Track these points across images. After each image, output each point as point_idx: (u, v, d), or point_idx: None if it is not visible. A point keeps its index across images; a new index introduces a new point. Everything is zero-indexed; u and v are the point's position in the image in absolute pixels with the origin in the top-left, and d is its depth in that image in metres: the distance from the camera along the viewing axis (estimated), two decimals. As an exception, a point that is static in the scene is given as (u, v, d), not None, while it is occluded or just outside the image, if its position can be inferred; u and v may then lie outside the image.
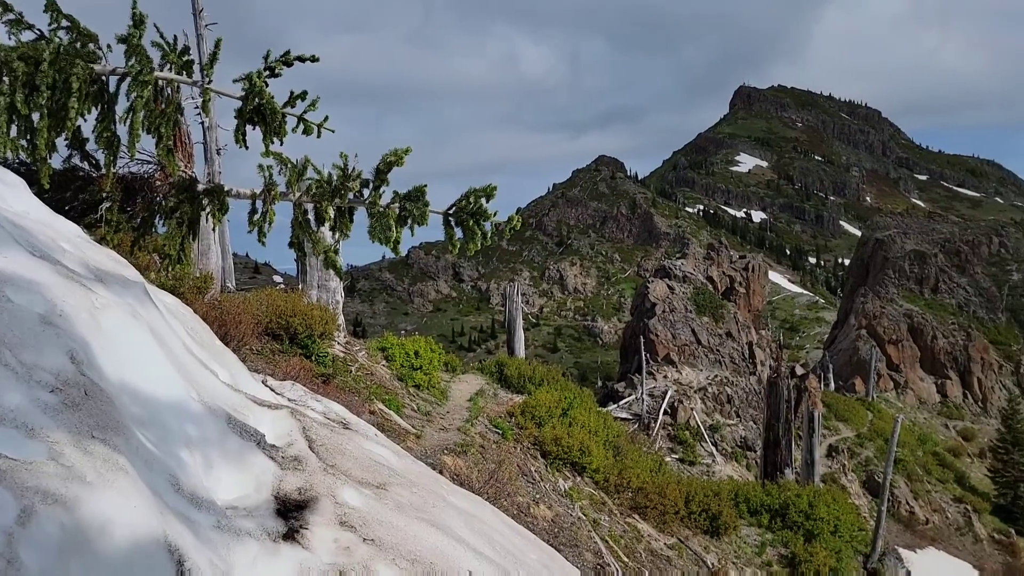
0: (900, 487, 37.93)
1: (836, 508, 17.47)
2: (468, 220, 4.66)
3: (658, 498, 14.06)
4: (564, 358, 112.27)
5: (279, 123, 3.86)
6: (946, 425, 53.68)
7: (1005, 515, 40.27)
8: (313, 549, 2.51)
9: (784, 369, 28.60)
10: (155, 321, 3.16)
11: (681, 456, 31.22)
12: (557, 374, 20.33)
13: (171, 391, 2.80)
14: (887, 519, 24.97)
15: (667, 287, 45.64)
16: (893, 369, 57.55)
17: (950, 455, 46.96)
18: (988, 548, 37.30)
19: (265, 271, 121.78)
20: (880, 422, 45.37)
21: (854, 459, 40.37)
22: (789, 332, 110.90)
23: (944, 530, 37.39)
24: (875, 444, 41.96)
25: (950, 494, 41.36)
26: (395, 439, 10.31)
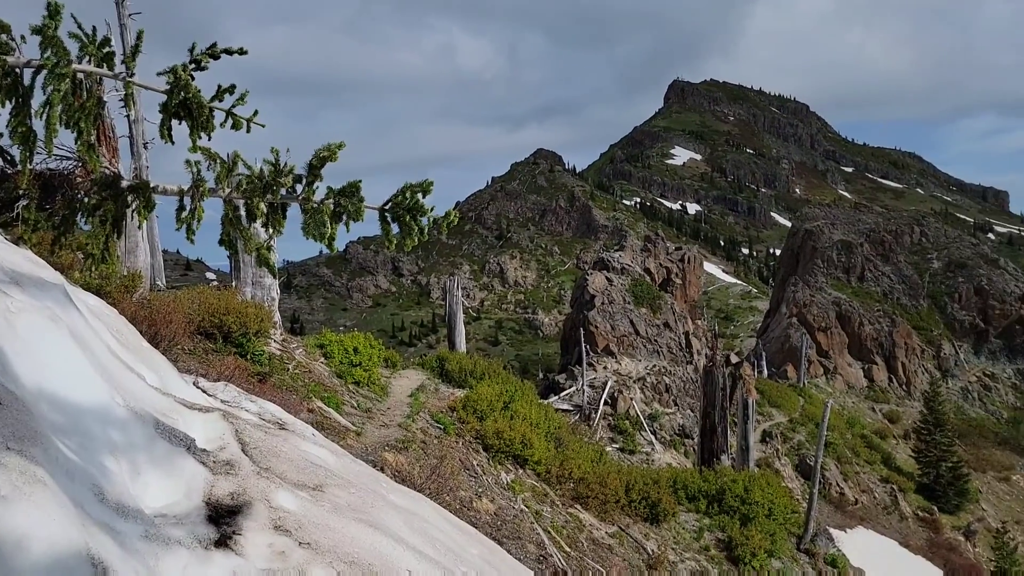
0: (831, 469, 39.35)
1: (770, 492, 17.99)
2: (404, 216, 4.61)
3: (599, 488, 14.25)
4: (505, 351, 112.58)
5: (206, 118, 3.74)
6: (873, 408, 55.85)
7: (928, 493, 42.19)
8: (247, 555, 2.44)
9: (719, 358, 29.30)
10: (76, 324, 3.03)
11: (621, 445, 31.69)
12: (498, 367, 20.35)
13: (94, 397, 2.69)
14: (819, 501, 25.85)
15: (606, 279, 46.17)
16: (823, 355, 59.56)
17: (877, 437, 48.88)
18: (913, 525, 39.04)
19: (197, 268, 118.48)
20: (811, 407, 46.91)
21: (787, 443, 41.68)
22: (724, 321, 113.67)
23: (872, 509, 38.95)
24: (807, 428, 43.38)
25: (877, 475, 43.09)
26: (335, 437, 10.17)
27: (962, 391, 60.44)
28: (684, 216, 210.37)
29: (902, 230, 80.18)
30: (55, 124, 3.32)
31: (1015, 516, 43.85)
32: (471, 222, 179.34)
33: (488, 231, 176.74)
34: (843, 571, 19.69)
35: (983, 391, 61.08)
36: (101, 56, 3.67)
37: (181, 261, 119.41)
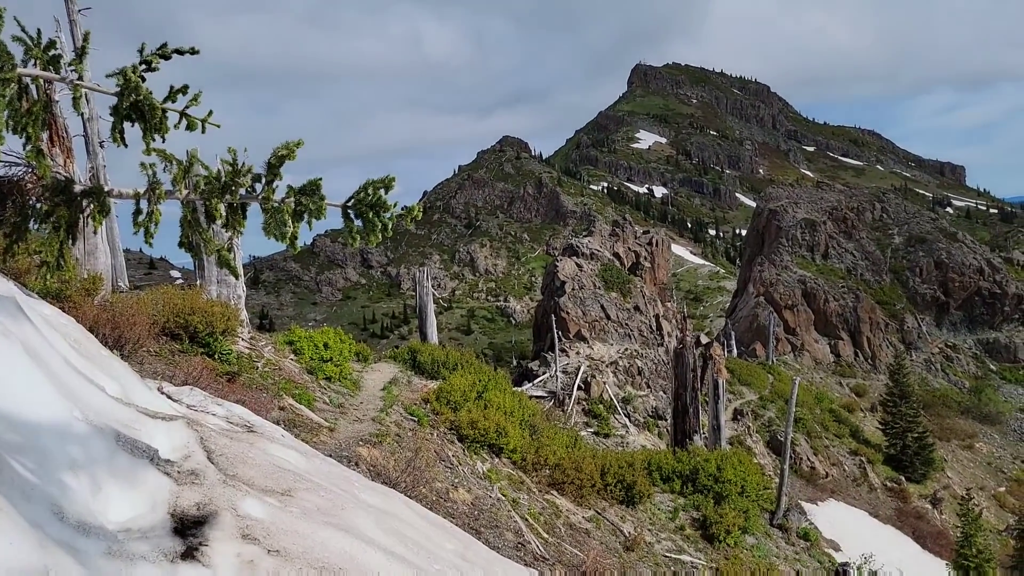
0: (801, 444, 40.05)
1: (742, 469, 18.27)
2: (367, 212, 4.56)
3: (575, 473, 14.35)
4: (478, 340, 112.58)
5: (159, 120, 3.66)
6: (840, 383, 56.90)
7: (895, 464, 43.16)
8: (214, 566, 2.41)
9: (689, 339, 29.61)
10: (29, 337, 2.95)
11: (596, 429, 31.90)
12: (471, 357, 20.36)
13: (51, 412, 2.62)
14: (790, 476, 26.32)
15: (575, 265, 46.32)
16: (790, 333, 60.48)
17: (845, 411, 49.82)
18: (882, 496, 39.94)
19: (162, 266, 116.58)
20: (780, 384, 47.65)
21: (758, 421, 42.33)
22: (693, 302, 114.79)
23: (842, 482, 39.76)
24: (776, 405, 44.08)
25: (846, 448, 43.97)
26: (307, 434, 10.10)
27: (925, 363, 61.80)
28: (651, 199, 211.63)
29: (863, 207, 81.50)
30: (0, 131, 3.22)
31: (979, 483, 45.08)
32: (439, 211, 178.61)
33: (457, 220, 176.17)
34: (815, 544, 20.08)
35: (945, 362, 62.54)
36: (48, 59, 3.58)
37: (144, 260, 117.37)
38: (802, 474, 37.52)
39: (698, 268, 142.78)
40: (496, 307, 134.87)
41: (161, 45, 3.67)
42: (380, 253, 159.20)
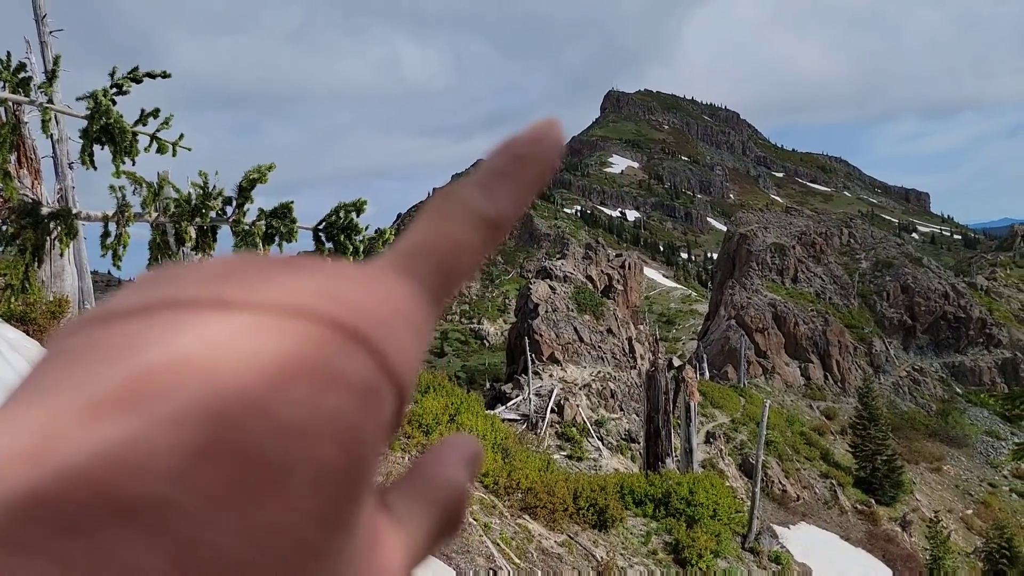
0: (772, 467, 40.28)
1: (714, 493, 18.34)
2: (339, 235, 4.58)
3: (547, 497, 14.32)
4: (451, 362, 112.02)
5: (129, 143, 3.66)
6: (811, 406, 57.47)
7: (865, 486, 43.56)
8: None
9: (662, 362, 29.77)
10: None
11: (569, 453, 31.84)
12: (443, 380, 20.28)
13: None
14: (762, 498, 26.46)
15: (549, 287, 46.50)
16: (761, 356, 61.07)
17: (815, 434, 50.27)
18: (852, 518, 40.23)
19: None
20: (752, 407, 47.97)
21: (730, 443, 42.52)
22: (666, 325, 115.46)
23: (813, 505, 40.01)
24: (748, 428, 44.33)
25: (817, 470, 44.30)
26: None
27: (893, 386, 62.70)
28: (624, 223, 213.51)
29: (831, 232, 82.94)
30: (-33, 153, 3.21)
31: (947, 505, 45.65)
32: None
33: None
34: (787, 567, 20.18)
35: (913, 385, 63.50)
36: (17, 81, 3.57)
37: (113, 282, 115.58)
38: (774, 497, 37.71)
39: (670, 291, 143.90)
40: (469, 329, 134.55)
41: (132, 69, 3.68)
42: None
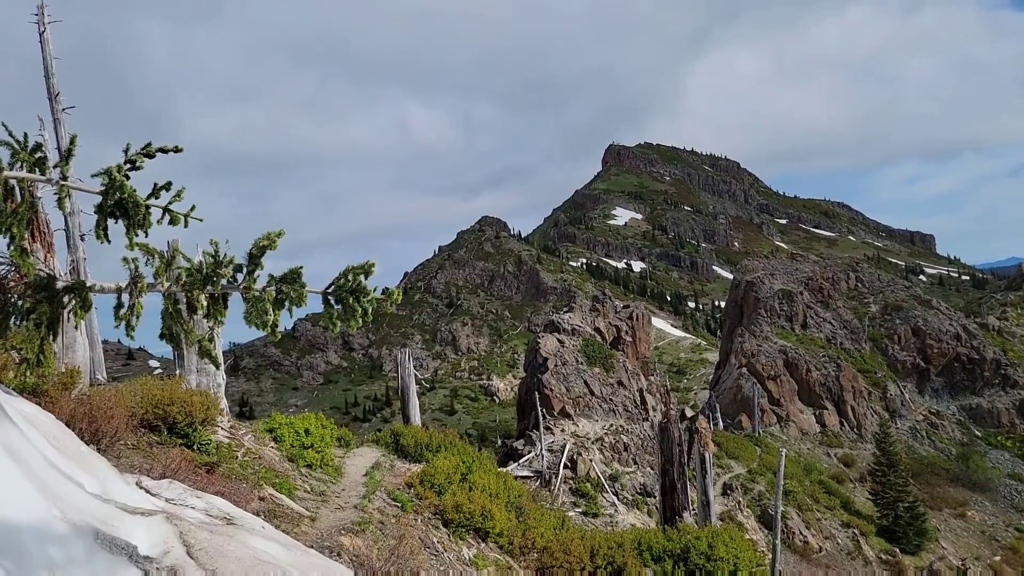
0: (792, 518, 39.47)
1: (734, 546, 17.90)
2: (348, 297, 4.65)
3: (563, 556, 14.01)
4: (462, 419, 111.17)
5: (143, 216, 3.77)
6: (828, 453, 56.55)
7: (889, 535, 42.55)
8: (194, 666, 2.36)
9: (674, 413, 29.48)
10: (10, 437, 2.94)
11: (584, 509, 31.35)
12: (455, 438, 20.10)
13: (30, 512, 2.60)
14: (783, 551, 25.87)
15: (557, 341, 46.40)
16: (774, 403, 60.40)
17: (834, 482, 49.37)
18: (877, 569, 39.20)
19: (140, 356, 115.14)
20: (768, 456, 47.28)
21: (748, 495, 41.78)
22: (676, 375, 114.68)
23: (836, 556, 39.05)
24: (766, 478, 43.61)
25: (838, 520, 43.36)
26: (288, 524, 9.87)
27: (911, 430, 61.75)
28: (630, 274, 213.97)
29: (838, 277, 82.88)
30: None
31: (974, 552, 44.45)
32: (420, 292, 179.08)
33: (438, 300, 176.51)
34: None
35: (930, 429, 62.52)
36: (33, 161, 3.69)
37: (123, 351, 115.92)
38: (795, 548, 36.87)
39: (679, 340, 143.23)
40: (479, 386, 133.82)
41: (145, 145, 3.81)
42: (361, 335, 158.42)
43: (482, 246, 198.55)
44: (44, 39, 13.42)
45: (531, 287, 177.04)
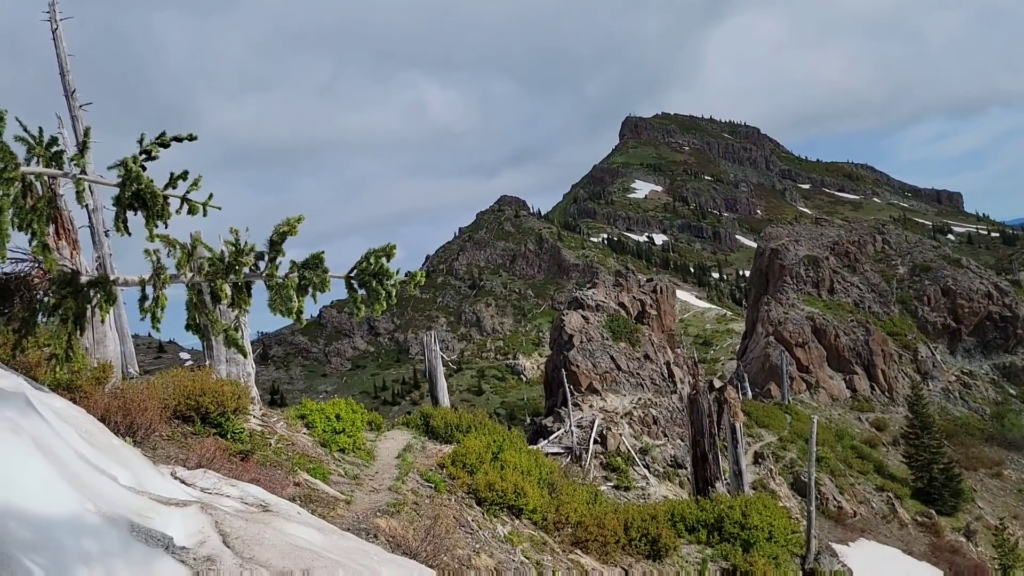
0: (825, 484, 39.27)
1: (768, 514, 17.86)
2: (371, 281, 4.60)
3: (597, 530, 14.05)
4: (490, 399, 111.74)
5: (161, 207, 3.74)
6: (859, 418, 56.09)
7: (924, 497, 42.21)
8: (235, 654, 2.35)
9: (702, 384, 29.33)
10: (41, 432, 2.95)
11: (616, 483, 31.42)
12: (484, 418, 20.18)
13: (64, 506, 2.60)
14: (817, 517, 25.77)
15: (582, 318, 46.30)
16: (803, 371, 59.91)
17: (867, 447, 49.00)
18: (913, 531, 38.95)
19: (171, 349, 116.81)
20: (799, 423, 46.99)
21: (779, 463, 41.60)
22: (703, 347, 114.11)
23: (871, 520, 38.85)
24: (797, 446, 43.38)
25: (872, 484, 43.08)
26: (324, 509, 9.95)
27: (943, 392, 61.00)
28: (652, 247, 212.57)
29: (864, 240, 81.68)
30: (6, 229, 3.28)
31: (1011, 511, 43.97)
32: (443, 274, 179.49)
33: (461, 282, 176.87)
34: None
35: (963, 389, 61.70)
36: (50, 156, 3.67)
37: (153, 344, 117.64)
38: (829, 514, 36.70)
39: (704, 312, 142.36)
40: (506, 366, 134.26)
41: (160, 134, 3.77)
42: (387, 320, 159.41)
43: (502, 226, 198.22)
44: (57, 36, 13.48)
45: (553, 265, 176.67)
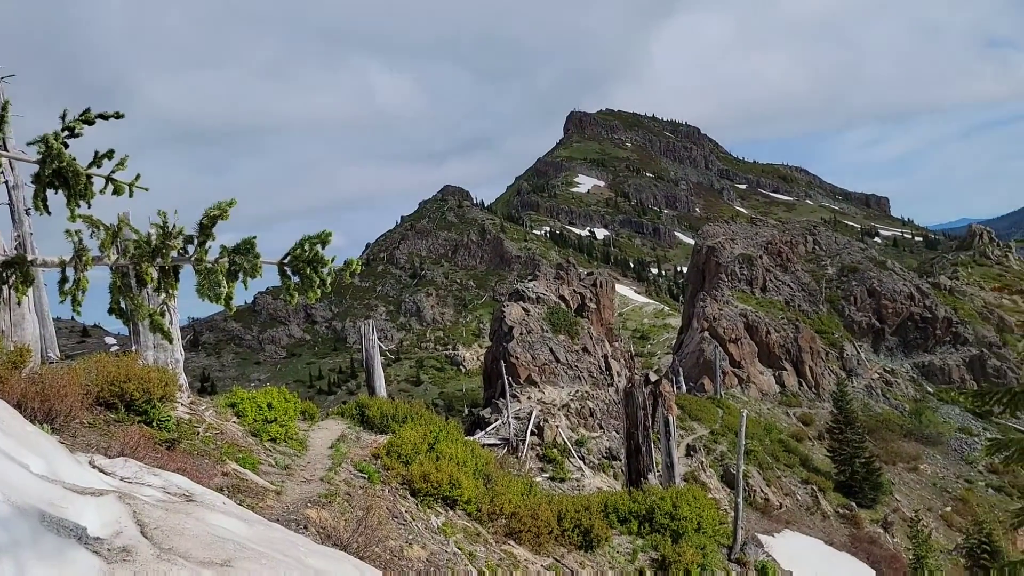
0: (753, 476, 40.43)
1: (697, 506, 18.31)
2: (305, 268, 4.53)
3: (531, 521, 14.17)
4: (428, 390, 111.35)
5: (84, 186, 3.59)
6: (787, 413, 57.88)
7: (846, 490, 43.87)
8: (149, 647, 2.29)
9: (638, 378, 29.82)
10: (-54, 418, 2.81)
11: (551, 474, 31.69)
12: (421, 408, 20.07)
13: (-32, 496, 2.49)
14: (745, 508, 26.50)
15: (522, 309, 46.50)
16: (736, 366, 61.48)
17: (794, 441, 50.60)
18: (835, 523, 40.46)
19: (96, 334, 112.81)
20: (730, 417, 48.21)
21: (711, 455, 42.64)
22: (640, 341, 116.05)
23: (796, 512, 40.17)
24: (728, 439, 44.54)
25: (798, 477, 44.55)
26: (253, 499, 9.77)
27: (866, 388, 63.41)
28: (593, 241, 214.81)
29: (796, 240, 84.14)
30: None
31: (926, 504, 46.09)
32: (383, 263, 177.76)
33: (401, 271, 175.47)
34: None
35: (885, 387, 64.28)
36: (-38, 129, 3.49)
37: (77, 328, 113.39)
38: (757, 506, 37.80)
39: (643, 307, 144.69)
40: (445, 356, 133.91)
41: (84, 111, 3.62)
42: (324, 308, 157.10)
43: (445, 216, 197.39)
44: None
45: (495, 256, 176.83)
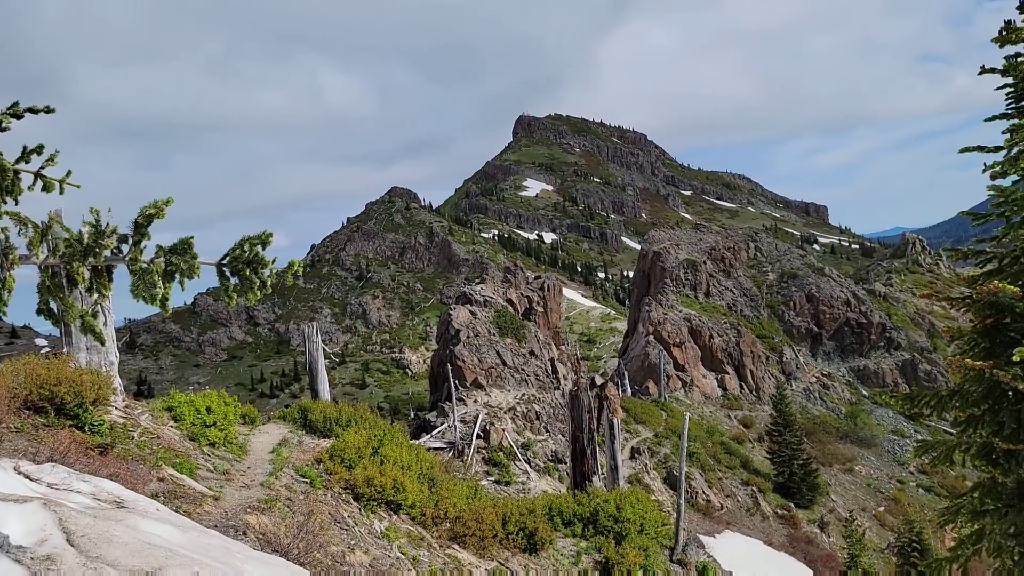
0: (696, 478, 41.15)
1: (640, 508, 18.53)
2: (244, 269, 4.44)
3: (476, 524, 14.15)
4: (374, 393, 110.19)
5: (11, 181, 3.47)
6: (728, 416, 59.08)
7: (784, 491, 44.99)
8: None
9: (584, 381, 30.05)
10: None
11: (497, 477, 31.70)
12: (365, 412, 19.86)
13: None
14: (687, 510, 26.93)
15: (469, 313, 46.46)
16: (680, 369, 62.51)
17: (735, 443, 51.67)
18: (774, 523, 41.45)
19: (25, 335, 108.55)
20: (673, 420, 48.98)
21: (654, 458, 43.24)
22: (587, 344, 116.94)
23: (737, 513, 41.02)
24: (671, 441, 45.21)
25: (738, 479, 45.50)
26: (190, 505, 9.53)
27: (804, 392, 65.18)
28: (541, 245, 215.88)
29: (739, 247, 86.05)
30: None
31: (860, 504, 47.57)
32: (329, 264, 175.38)
33: (347, 272, 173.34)
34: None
35: (822, 390, 66.18)
36: None
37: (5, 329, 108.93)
38: (699, 507, 38.47)
39: (590, 310, 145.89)
40: (391, 359, 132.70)
41: (12, 104, 3.50)
42: (267, 310, 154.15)
43: (392, 217, 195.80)
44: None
45: (443, 259, 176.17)
